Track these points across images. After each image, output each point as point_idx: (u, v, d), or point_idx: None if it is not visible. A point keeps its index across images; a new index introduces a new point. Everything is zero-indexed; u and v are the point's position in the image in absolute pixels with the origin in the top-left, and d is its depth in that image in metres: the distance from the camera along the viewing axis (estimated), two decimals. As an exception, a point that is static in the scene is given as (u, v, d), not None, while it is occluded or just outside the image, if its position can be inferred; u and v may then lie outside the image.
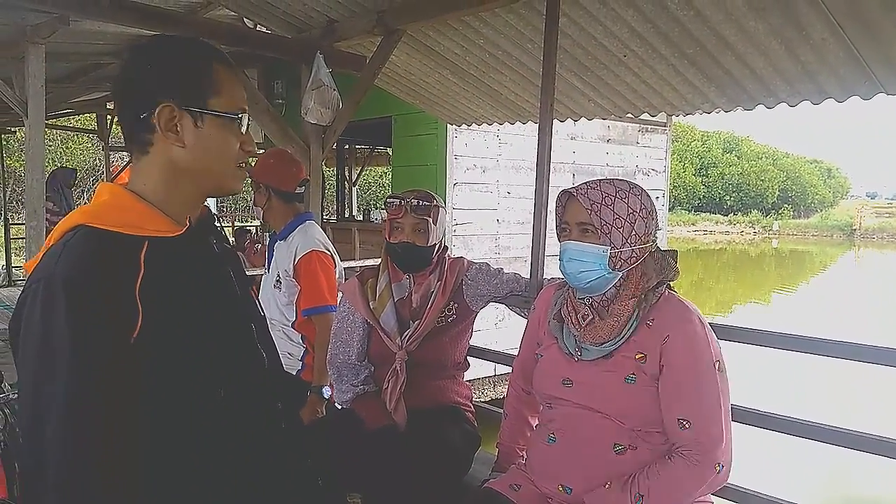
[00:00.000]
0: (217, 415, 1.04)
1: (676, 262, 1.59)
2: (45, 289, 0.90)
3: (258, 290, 2.74)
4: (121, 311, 0.92)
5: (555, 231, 1.63)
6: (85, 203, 1.23)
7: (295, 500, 1.17)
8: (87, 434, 0.89)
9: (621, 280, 1.54)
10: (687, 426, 1.43)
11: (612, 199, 1.50)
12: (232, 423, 1.06)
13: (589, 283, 1.52)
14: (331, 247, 2.56)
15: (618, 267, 1.51)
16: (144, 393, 0.94)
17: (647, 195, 1.57)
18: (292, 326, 2.52)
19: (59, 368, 0.88)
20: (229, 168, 1.08)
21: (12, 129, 11.83)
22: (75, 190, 9.35)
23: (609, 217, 1.49)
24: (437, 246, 2.10)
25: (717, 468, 1.42)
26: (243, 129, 1.08)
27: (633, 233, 1.51)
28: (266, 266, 2.65)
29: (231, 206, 22.92)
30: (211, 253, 1.13)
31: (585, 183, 1.55)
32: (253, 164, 2.58)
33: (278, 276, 2.51)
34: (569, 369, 1.56)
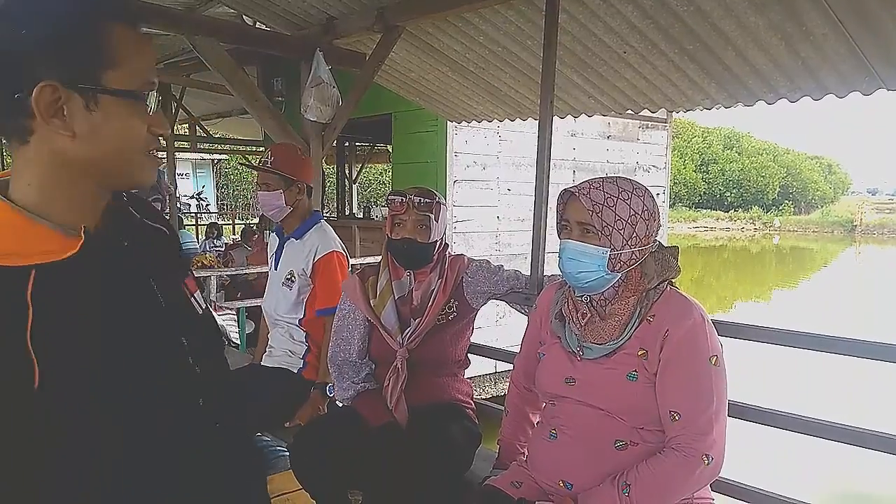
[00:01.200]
0: (140, 456, 0.87)
1: (677, 260, 1.58)
2: None
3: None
4: (12, 367, 0.74)
5: (555, 228, 1.63)
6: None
7: None
8: None
9: (620, 280, 1.53)
10: (677, 418, 1.43)
11: (615, 200, 1.49)
12: (158, 466, 0.89)
13: (587, 283, 1.52)
14: (344, 247, 2.58)
15: (617, 269, 1.50)
16: (57, 439, 0.79)
17: (650, 195, 1.55)
18: (298, 324, 2.53)
19: None
20: (136, 158, 0.86)
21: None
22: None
23: (610, 218, 1.48)
24: (438, 243, 2.10)
25: (706, 460, 1.41)
26: (150, 108, 0.86)
27: (634, 234, 1.50)
28: (273, 264, 2.65)
29: (231, 204, 22.91)
30: (119, 265, 0.89)
31: (588, 182, 1.53)
32: (270, 162, 2.44)
33: (290, 275, 2.51)
34: (571, 368, 1.56)
